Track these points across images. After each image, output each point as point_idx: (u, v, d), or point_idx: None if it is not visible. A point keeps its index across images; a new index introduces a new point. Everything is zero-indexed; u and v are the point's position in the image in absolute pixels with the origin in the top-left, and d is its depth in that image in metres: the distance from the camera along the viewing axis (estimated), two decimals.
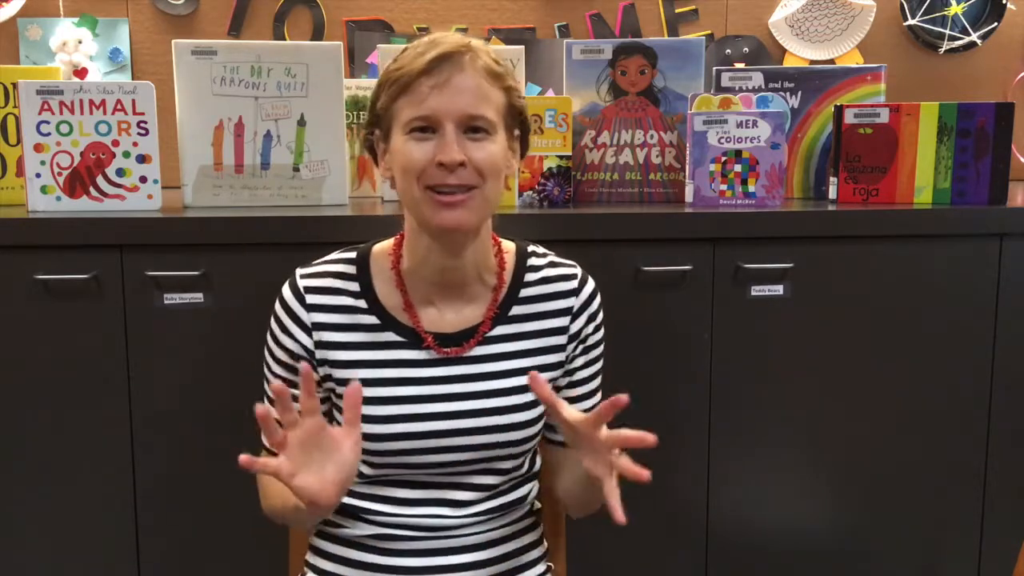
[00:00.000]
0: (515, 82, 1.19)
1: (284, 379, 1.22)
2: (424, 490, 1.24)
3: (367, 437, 1.19)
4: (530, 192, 1.82)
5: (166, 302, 1.62)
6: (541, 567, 1.33)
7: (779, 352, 1.76)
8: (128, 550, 1.69)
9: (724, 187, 1.81)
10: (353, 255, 1.24)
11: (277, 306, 1.23)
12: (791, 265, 1.72)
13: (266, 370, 1.26)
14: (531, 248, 1.29)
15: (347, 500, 1.27)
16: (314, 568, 1.30)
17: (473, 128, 1.12)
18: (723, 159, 1.80)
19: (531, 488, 1.33)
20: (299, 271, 1.23)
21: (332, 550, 1.28)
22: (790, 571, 1.84)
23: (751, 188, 1.80)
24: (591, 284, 1.29)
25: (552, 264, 1.28)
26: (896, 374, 1.79)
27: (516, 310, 1.24)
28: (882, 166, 1.85)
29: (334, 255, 1.26)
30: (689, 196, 1.83)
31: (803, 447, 1.80)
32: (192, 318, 1.63)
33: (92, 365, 1.63)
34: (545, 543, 1.37)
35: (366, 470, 1.24)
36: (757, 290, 1.73)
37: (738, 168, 1.80)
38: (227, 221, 1.63)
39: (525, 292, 1.25)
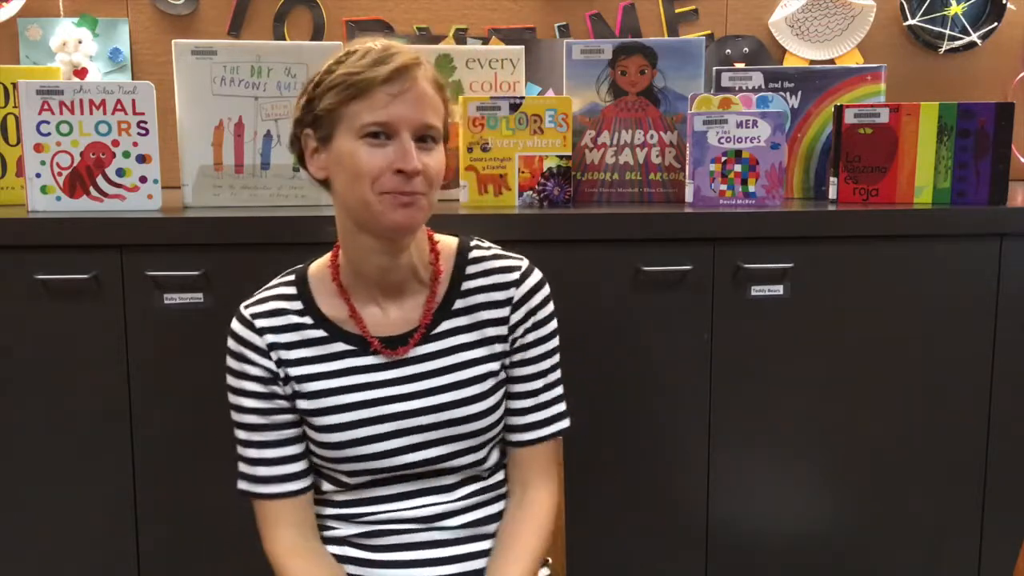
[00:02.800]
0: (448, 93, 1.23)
1: (261, 410, 1.24)
2: (410, 483, 1.26)
3: (333, 446, 1.22)
4: (530, 192, 1.82)
5: (166, 302, 1.62)
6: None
7: (779, 352, 1.76)
8: (128, 548, 1.69)
9: (724, 187, 1.81)
10: (292, 277, 1.27)
11: (231, 343, 1.25)
12: (791, 265, 1.72)
13: (236, 415, 1.26)
14: (475, 242, 1.30)
15: (331, 510, 1.29)
16: None
17: (422, 137, 1.15)
18: (723, 159, 1.80)
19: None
20: (242, 305, 1.26)
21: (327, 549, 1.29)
22: (790, 571, 1.84)
23: (751, 188, 1.80)
24: (535, 278, 1.28)
25: (496, 256, 1.29)
26: (895, 374, 1.79)
27: (459, 303, 1.26)
28: (882, 166, 1.85)
29: (273, 281, 1.28)
30: (689, 196, 1.83)
31: (803, 447, 1.80)
32: (192, 318, 1.63)
33: (92, 365, 1.63)
34: None
35: (347, 480, 1.26)
36: (757, 290, 1.73)
37: (738, 168, 1.80)
38: (227, 221, 1.63)
39: (467, 285, 1.26)
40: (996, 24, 2.51)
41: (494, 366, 1.26)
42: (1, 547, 1.67)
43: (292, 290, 1.25)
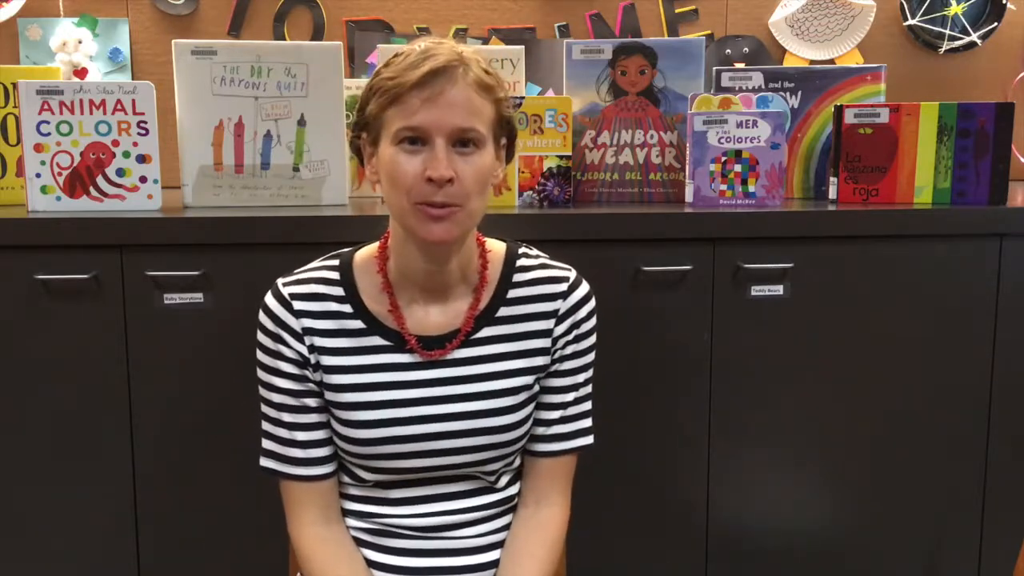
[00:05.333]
0: (504, 91, 1.18)
1: (294, 391, 1.22)
2: (419, 487, 1.25)
3: (358, 442, 1.20)
4: (530, 192, 1.82)
5: (166, 302, 1.62)
6: None
7: (779, 352, 1.76)
8: (128, 549, 1.69)
9: (724, 187, 1.81)
10: (336, 262, 1.24)
11: (265, 320, 1.21)
12: (791, 265, 1.72)
13: (266, 392, 1.24)
14: (523, 250, 1.28)
15: (346, 504, 1.27)
16: None
17: (463, 141, 1.12)
18: (723, 159, 1.80)
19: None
20: (280, 280, 1.23)
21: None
22: (790, 571, 1.84)
23: (751, 188, 1.80)
24: (582, 291, 1.26)
25: (544, 266, 1.26)
26: (896, 374, 1.79)
27: (503, 311, 1.24)
28: (882, 166, 1.85)
29: (315, 263, 1.25)
30: (689, 196, 1.83)
31: (803, 447, 1.80)
32: (192, 318, 1.62)
33: (92, 365, 1.63)
34: None
35: (366, 475, 1.25)
36: (757, 290, 1.73)
37: (738, 168, 1.80)
38: (227, 221, 1.63)
39: (513, 293, 1.24)
40: (996, 24, 2.51)
41: (529, 380, 1.24)
42: (1, 547, 1.67)
43: (335, 275, 1.22)
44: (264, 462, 1.25)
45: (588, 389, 1.30)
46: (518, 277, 1.25)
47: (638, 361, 1.73)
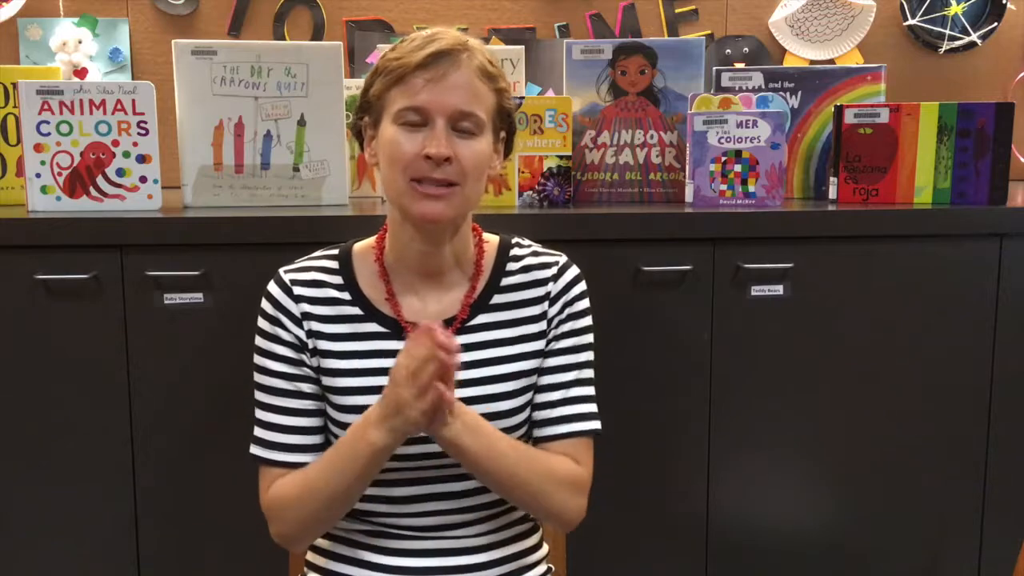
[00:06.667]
0: (507, 83, 1.21)
1: (287, 375, 1.23)
2: (420, 486, 1.24)
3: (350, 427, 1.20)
4: (530, 192, 1.82)
5: (166, 302, 1.62)
6: (542, 568, 1.34)
7: (779, 352, 1.76)
8: (128, 549, 1.69)
9: (724, 187, 1.81)
10: (335, 252, 1.27)
11: (265, 304, 1.24)
12: (791, 265, 1.72)
13: (260, 377, 1.25)
14: (515, 240, 1.30)
15: None
16: (315, 567, 1.30)
17: (462, 126, 1.15)
18: (723, 159, 1.80)
19: None
20: (282, 269, 1.26)
21: (334, 548, 1.28)
22: (790, 571, 1.84)
23: (751, 188, 1.80)
24: (572, 272, 1.28)
25: (535, 254, 1.29)
26: (895, 374, 1.79)
27: (497, 299, 1.26)
28: (882, 166, 1.85)
29: (316, 253, 1.28)
30: (689, 196, 1.83)
31: (803, 447, 1.80)
32: (192, 318, 1.63)
33: (92, 365, 1.63)
34: (546, 546, 1.37)
35: None
36: (757, 290, 1.73)
37: (738, 168, 1.80)
38: (227, 221, 1.63)
39: (506, 281, 1.26)
40: (996, 24, 2.51)
41: (526, 366, 1.25)
42: (1, 547, 1.67)
43: (334, 264, 1.25)
44: (252, 450, 1.26)
45: (589, 373, 1.30)
46: (511, 266, 1.27)
47: (638, 361, 1.73)
